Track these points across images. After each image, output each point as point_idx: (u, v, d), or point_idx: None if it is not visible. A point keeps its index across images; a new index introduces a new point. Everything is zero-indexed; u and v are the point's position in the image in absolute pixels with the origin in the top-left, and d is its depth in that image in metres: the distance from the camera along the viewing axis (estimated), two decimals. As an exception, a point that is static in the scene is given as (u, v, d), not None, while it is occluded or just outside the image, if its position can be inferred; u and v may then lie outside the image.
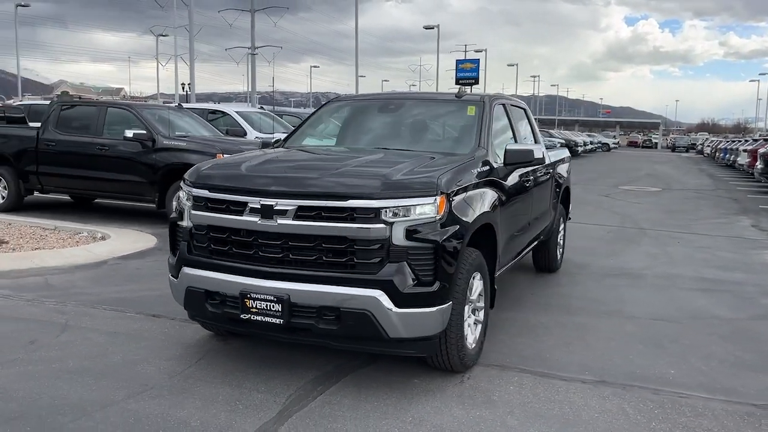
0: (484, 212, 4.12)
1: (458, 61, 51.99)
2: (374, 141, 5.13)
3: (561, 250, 7.40)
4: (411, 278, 3.54)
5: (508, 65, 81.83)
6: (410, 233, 3.54)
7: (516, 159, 4.68)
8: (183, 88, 61.09)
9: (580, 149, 40.03)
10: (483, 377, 4.02)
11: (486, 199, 4.23)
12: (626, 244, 9.10)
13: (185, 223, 4.03)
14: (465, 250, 3.89)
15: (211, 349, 4.41)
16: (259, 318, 3.68)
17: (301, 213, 3.60)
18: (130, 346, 4.41)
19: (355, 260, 3.56)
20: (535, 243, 6.27)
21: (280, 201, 3.63)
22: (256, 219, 3.68)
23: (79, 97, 22.68)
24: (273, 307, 3.62)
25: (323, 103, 6.06)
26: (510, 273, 6.77)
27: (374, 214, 3.52)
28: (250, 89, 47.39)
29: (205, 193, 3.89)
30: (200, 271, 3.87)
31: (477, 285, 4.19)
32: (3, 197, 10.17)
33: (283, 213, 3.62)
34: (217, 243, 3.87)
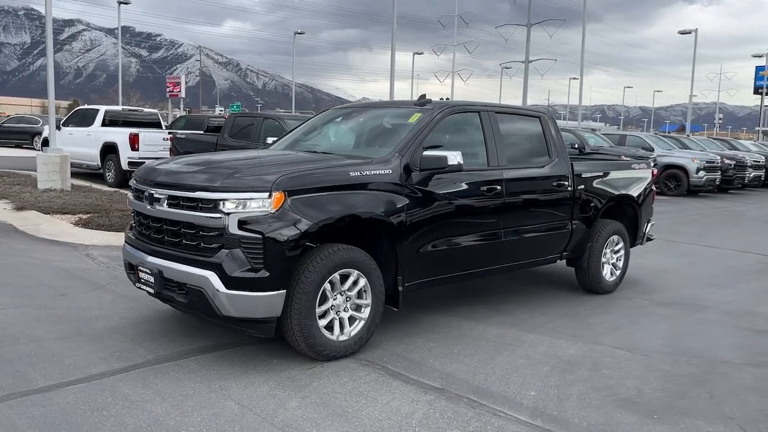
0: (350, 213, 4.30)
1: (758, 68, 46.57)
2: (319, 145, 5.53)
3: (619, 272, 6.82)
4: (240, 264, 3.98)
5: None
6: (242, 224, 3.98)
7: (429, 165, 4.72)
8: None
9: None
10: (341, 369, 4.23)
11: (361, 200, 4.40)
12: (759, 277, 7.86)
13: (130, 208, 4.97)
14: (326, 245, 4.21)
15: (164, 311, 5.27)
16: (144, 287, 4.47)
17: (170, 201, 4.28)
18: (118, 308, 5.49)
19: (202, 244, 4.12)
20: (541, 259, 6.02)
21: (159, 190, 4.36)
22: (147, 205, 4.46)
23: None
24: (151, 279, 4.36)
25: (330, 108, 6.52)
26: (546, 286, 6.57)
27: (213, 205, 4.04)
28: (522, 103, 47.99)
29: (133, 183, 4.79)
30: (128, 246, 4.78)
31: (360, 283, 4.42)
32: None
33: (160, 200, 4.34)
34: (136, 224, 4.75)
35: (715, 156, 20.34)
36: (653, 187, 7.31)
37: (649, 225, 7.33)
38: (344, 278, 4.37)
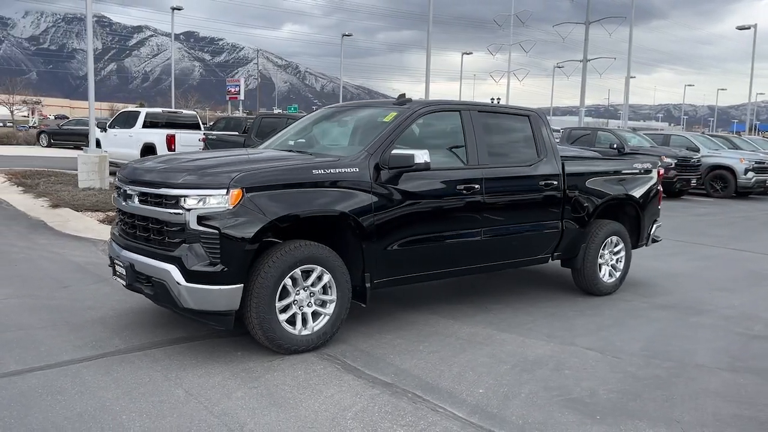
0: (310, 210, 4.40)
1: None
2: (301, 144, 5.63)
3: (618, 273, 6.69)
4: (199, 258, 4.13)
5: None
6: (201, 219, 4.14)
7: (397, 163, 4.77)
8: (491, 103, 63.62)
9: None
10: (300, 363, 4.33)
11: (323, 198, 4.48)
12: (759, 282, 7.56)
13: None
14: (289, 242, 4.34)
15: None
16: (119, 279, 4.69)
17: (140, 198, 4.48)
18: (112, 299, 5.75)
19: (166, 239, 4.30)
20: (529, 258, 5.99)
21: (131, 187, 4.56)
22: (122, 201, 4.67)
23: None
24: (123, 272, 4.57)
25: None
26: (545, 287, 6.54)
27: (175, 201, 4.21)
28: (579, 103, 47.07)
29: (115, 180, 5.02)
30: (111, 241, 5.01)
31: (325, 279, 4.51)
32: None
33: (132, 197, 4.54)
34: (118, 220, 4.97)
35: (767, 156, 19.52)
36: (659, 188, 7.13)
37: (655, 226, 7.15)
38: (307, 274, 4.47)
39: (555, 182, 5.97)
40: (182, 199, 4.19)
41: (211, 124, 21.94)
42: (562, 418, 3.62)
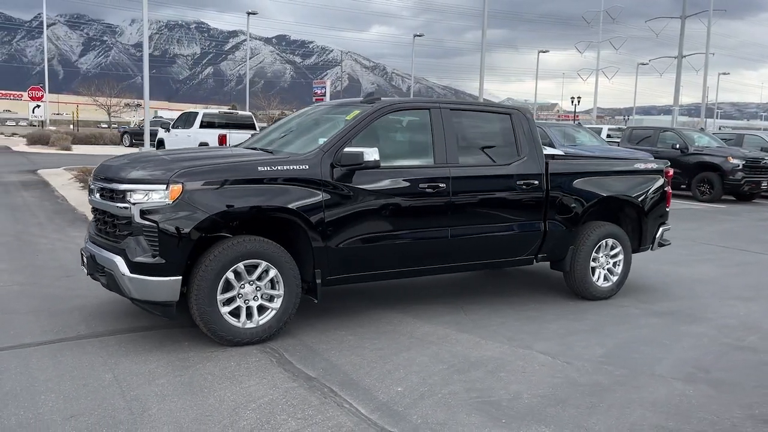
0: (251, 206, 4.51)
1: None
2: (274, 142, 5.72)
3: (616, 278, 6.42)
4: (141, 250, 4.34)
5: None
6: (144, 213, 4.34)
7: (348, 161, 4.80)
8: (572, 102, 61.90)
9: None
10: (237, 354, 4.44)
11: (267, 194, 4.58)
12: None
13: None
14: (234, 237, 4.48)
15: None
16: (84, 268, 4.97)
17: (100, 192, 4.74)
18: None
19: (117, 232, 4.53)
20: (507, 259, 5.87)
21: (96, 183, 4.83)
22: (89, 196, 4.95)
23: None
24: (87, 262, 4.85)
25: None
26: (544, 290, 6.42)
27: (122, 196, 4.44)
28: (673, 101, 45.08)
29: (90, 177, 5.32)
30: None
31: (271, 273, 4.62)
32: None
33: (94, 191, 4.81)
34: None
35: None
36: (667, 189, 6.77)
37: (662, 229, 6.79)
38: (253, 268, 4.59)
39: (536, 182, 5.80)
40: (128, 193, 4.41)
41: (269, 122, 22.55)
42: (465, 420, 3.55)
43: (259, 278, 4.63)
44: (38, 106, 32.67)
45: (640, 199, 6.47)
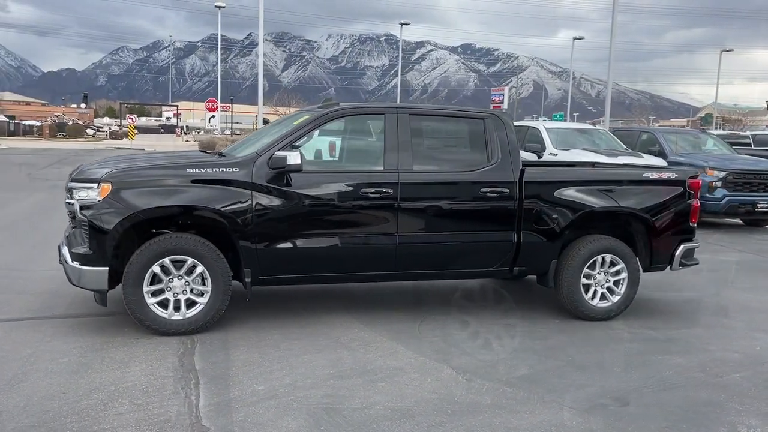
0: (176, 205, 4.82)
1: None
2: (244, 145, 5.95)
3: (618, 297, 5.83)
4: (78, 241, 4.85)
5: None
6: (82, 209, 4.84)
7: (275, 165, 4.94)
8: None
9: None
10: (153, 343, 4.74)
11: (191, 195, 4.85)
12: None
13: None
14: (162, 234, 4.87)
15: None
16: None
17: (67, 190, 5.34)
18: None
19: (71, 226, 5.10)
20: (472, 270, 5.63)
21: (69, 183, 5.44)
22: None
23: (722, 119, 24.41)
24: (58, 252, 5.48)
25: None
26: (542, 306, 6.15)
27: (71, 193, 4.98)
28: None
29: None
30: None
31: (198, 270, 4.92)
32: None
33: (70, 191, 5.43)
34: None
35: None
36: (691, 202, 5.99)
37: (684, 247, 6.01)
38: (181, 264, 4.90)
39: (506, 190, 5.48)
40: (74, 191, 4.94)
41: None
42: (284, 424, 3.52)
43: (189, 274, 4.92)
44: (213, 116, 36.28)
45: (645, 213, 5.80)
